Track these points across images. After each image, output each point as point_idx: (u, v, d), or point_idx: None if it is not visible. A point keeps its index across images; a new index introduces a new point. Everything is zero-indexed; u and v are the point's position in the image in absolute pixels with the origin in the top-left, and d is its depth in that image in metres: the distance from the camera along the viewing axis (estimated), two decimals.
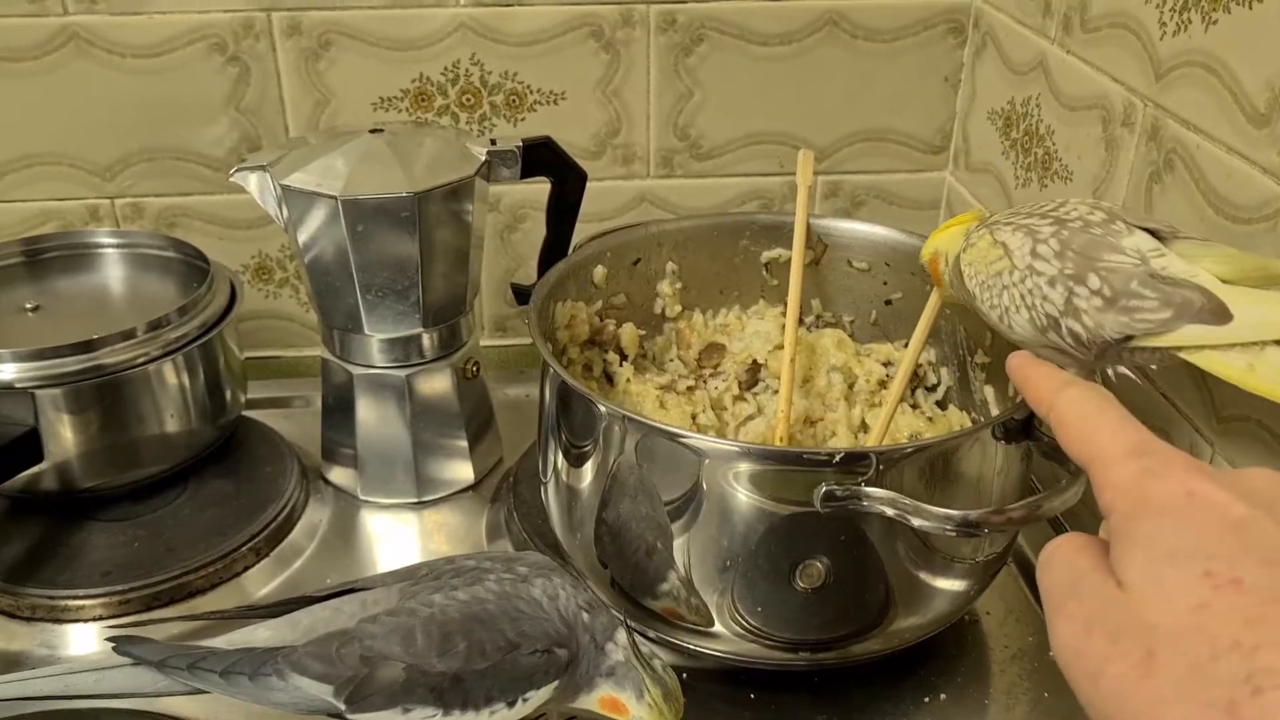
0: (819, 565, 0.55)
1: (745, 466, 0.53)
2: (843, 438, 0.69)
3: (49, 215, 0.84)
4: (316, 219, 0.66)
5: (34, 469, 0.66)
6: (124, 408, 0.68)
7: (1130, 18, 0.63)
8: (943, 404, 0.73)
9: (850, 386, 0.71)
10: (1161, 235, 0.52)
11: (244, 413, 0.78)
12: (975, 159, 0.85)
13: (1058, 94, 0.72)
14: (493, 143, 0.70)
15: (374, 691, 0.48)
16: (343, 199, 0.64)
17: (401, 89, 0.82)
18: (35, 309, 0.73)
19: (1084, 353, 0.52)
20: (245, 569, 0.68)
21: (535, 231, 0.87)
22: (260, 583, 0.68)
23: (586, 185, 0.73)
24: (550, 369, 0.60)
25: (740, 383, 0.71)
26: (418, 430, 0.73)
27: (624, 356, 0.72)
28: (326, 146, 0.67)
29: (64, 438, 0.67)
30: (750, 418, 0.69)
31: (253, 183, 0.68)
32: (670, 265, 0.73)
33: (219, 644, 0.50)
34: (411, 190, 0.64)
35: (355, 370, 0.71)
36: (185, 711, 0.58)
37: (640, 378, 0.71)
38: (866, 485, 0.51)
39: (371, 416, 0.72)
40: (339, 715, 0.49)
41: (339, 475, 0.76)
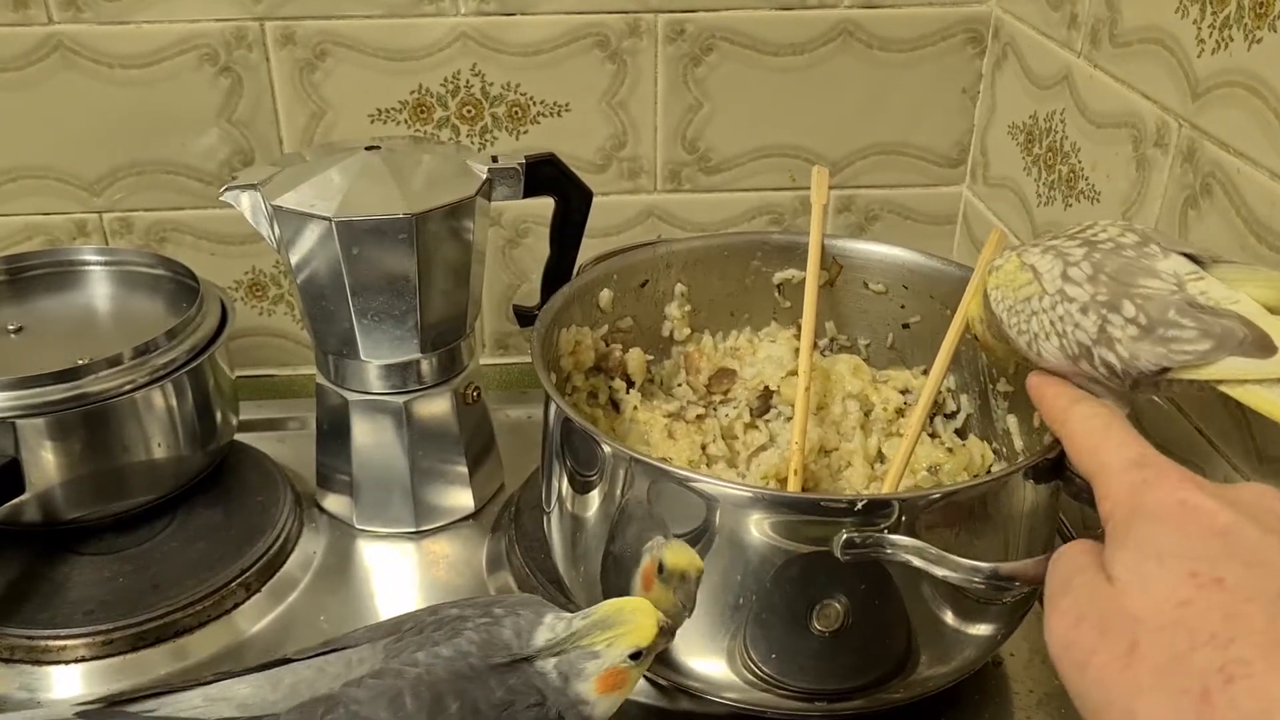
0: (837, 606, 0.52)
1: (759, 514, 0.50)
2: (859, 469, 0.66)
3: (34, 230, 0.81)
4: (310, 240, 0.63)
5: (14, 500, 0.63)
6: (110, 436, 0.65)
7: (1165, 33, 0.60)
8: (962, 432, 0.70)
9: (866, 414, 0.68)
10: (1199, 260, 0.49)
11: (236, 436, 0.75)
12: (994, 174, 0.82)
13: (1084, 109, 0.69)
14: (494, 160, 0.67)
15: None
16: (337, 220, 0.61)
17: (400, 100, 0.80)
18: (18, 330, 0.70)
19: (1118, 383, 0.49)
20: (236, 605, 0.65)
21: (538, 246, 0.84)
22: (252, 619, 0.65)
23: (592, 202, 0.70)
24: (549, 398, 0.57)
25: (752, 410, 0.69)
26: (416, 457, 0.70)
27: (630, 383, 0.69)
28: (320, 164, 0.65)
29: (46, 468, 0.64)
30: (763, 448, 0.66)
31: (243, 202, 0.65)
32: (679, 287, 0.70)
33: (195, 701, 0.48)
34: (409, 211, 0.61)
35: (351, 396, 0.69)
36: None
37: (648, 405, 0.68)
38: (890, 533, 0.49)
39: (368, 443, 0.70)
40: None
41: (334, 503, 0.73)
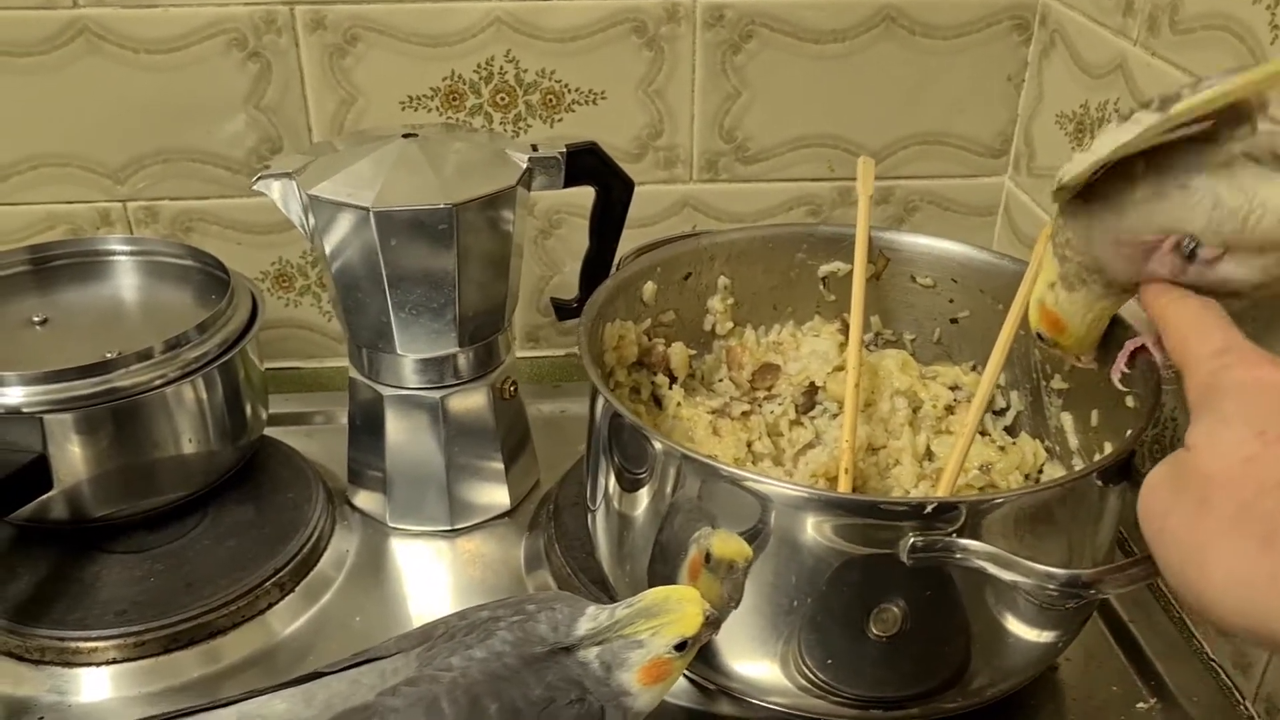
0: (895, 611, 0.50)
1: (819, 517, 0.49)
2: (907, 467, 0.64)
3: (57, 219, 0.80)
4: (346, 231, 0.61)
5: (42, 497, 0.62)
6: (139, 432, 0.64)
7: (1233, 19, 0.58)
8: (1012, 430, 0.68)
9: (915, 411, 0.67)
10: None
11: (264, 431, 0.73)
12: (1040, 164, 0.80)
13: (1140, 99, 0.67)
14: (534, 149, 0.65)
15: None
16: (375, 210, 0.59)
17: (432, 87, 0.78)
18: (43, 322, 0.68)
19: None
20: (270, 605, 0.63)
21: (572, 237, 0.83)
22: (286, 620, 0.63)
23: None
24: (599, 395, 0.56)
25: (797, 406, 0.67)
26: (451, 454, 0.68)
27: (673, 378, 0.67)
28: (356, 153, 0.63)
29: (74, 464, 0.62)
30: (810, 445, 0.64)
31: (276, 191, 0.63)
32: (722, 280, 0.68)
33: (230, 717, 0.46)
34: (449, 201, 0.60)
35: (385, 390, 0.67)
36: None
37: (691, 401, 0.66)
38: (958, 536, 0.47)
39: (402, 439, 0.68)
40: None
41: (366, 500, 0.71)
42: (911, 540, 0.47)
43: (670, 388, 0.67)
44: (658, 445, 0.52)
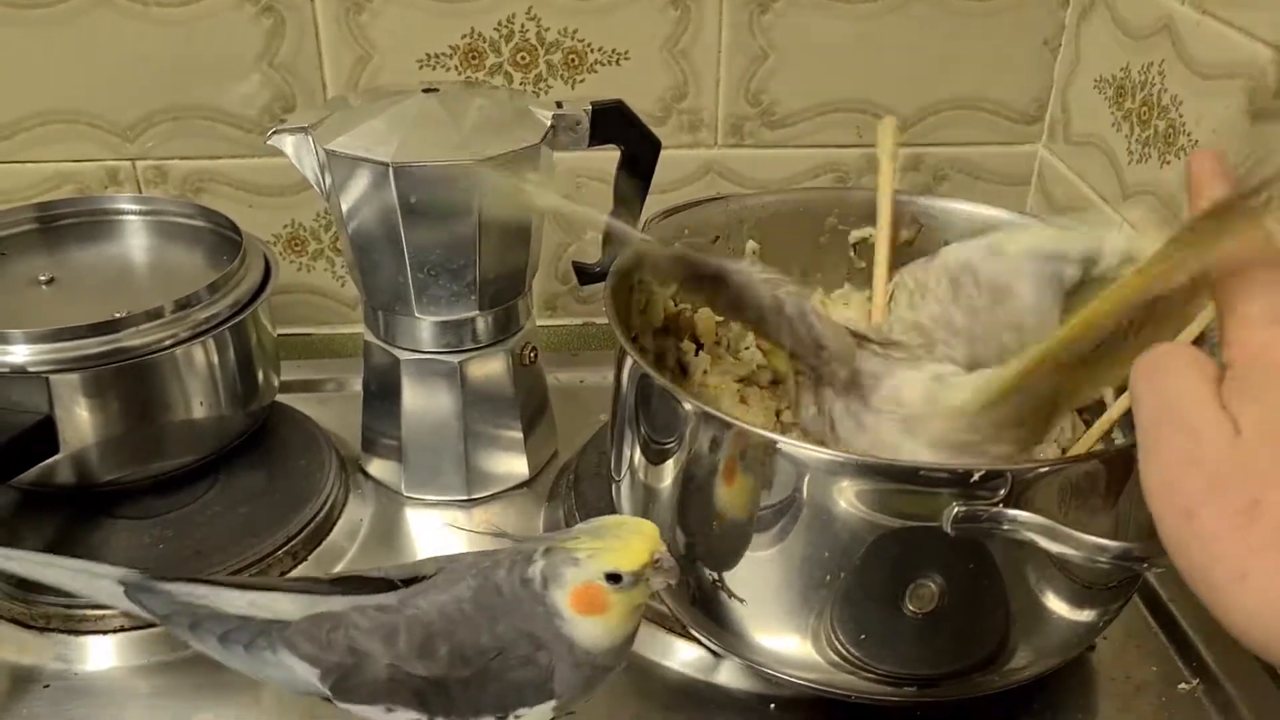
0: (932, 586, 0.48)
1: (857, 484, 0.47)
2: None
3: (65, 178, 0.78)
4: (364, 188, 0.59)
5: (47, 461, 0.60)
6: (148, 393, 0.62)
7: None
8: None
9: None
10: None
11: (276, 398, 0.71)
12: (1076, 131, 0.78)
13: (1189, 60, 0.64)
14: (558, 105, 0.62)
15: (359, 684, 0.45)
16: (395, 166, 0.57)
17: (450, 45, 0.75)
18: (49, 281, 0.66)
19: None
20: (281, 574, 0.61)
21: (593, 202, 0.80)
22: None
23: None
24: (627, 358, 0.53)
25: None
26: (469, 421, 0.66)
27: (699, 345, 0.65)
28: (375, 107, 0.60)
29: (81, 427, 0.60)
30: None
31: (291, 146, 0.61)
32: (751, 244, 0.66)
33: (239, 602, 0.47)
34: (472, 157, 0.57)
35: (402, 355, 0.65)
36: None
37: (718, 368, 0.64)
38: (1005, 507, 0.45)
39: (418, 405, 0.66)
40: (328, 699, 0.46)
41: (380, 469, 0.69)
42: (955, 509, 0.45)
43: (696, 354, 0.64)
44: (688, 407, 0.50)
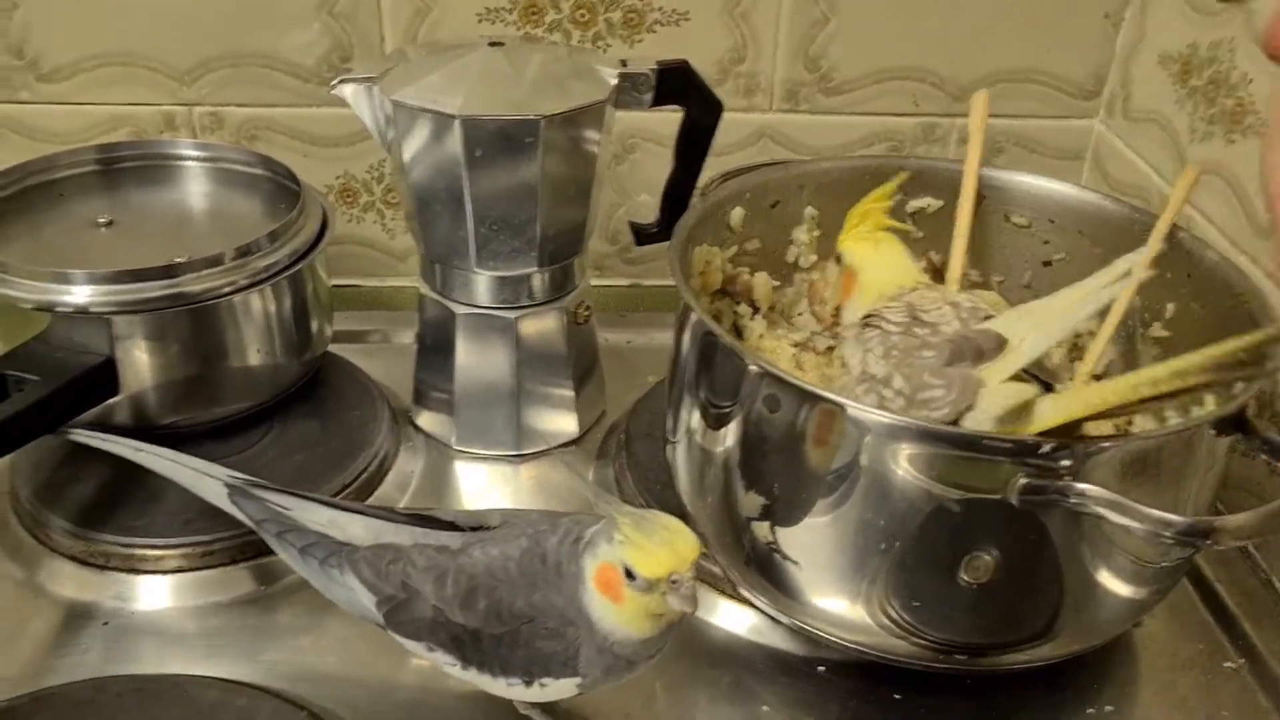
0: (988, 558, 0.48)
1: (921, 451, 0.47)
2: None
3: (120, 121, 0.78)
4: (429, 140, 0.59)
5: (108, 402, 0.60)
6: (206, 339, 0.62)
7: None
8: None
9: None
10: None
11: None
12: (1136, 107, 0.77)
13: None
14: (623, 64, 0.62)
15: (408, 619, 0.47)
16: (462, 119, 0.57)
17: (510, 0, 0.75)
18: (109, 224, 0.66)
19: None
20: None
21: (646, 163, 0.80)
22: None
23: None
24: (690, 317, 0.54)
25: None
26: (522, 377, 0.66)
27: (755, 309, 0.65)
28: (441, 59, 0.60)
29: (141, 369, 0.61)
30: None
31: (354, 96, 0.61)
32: (809, 210, 0.66)
33: (319, 518, 0.50)
34: (538, 113, 0.57)
35: (458, 309, 0.65)
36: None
37: (773, 333, 0.64)
38: (1071, 479, 0.45)
39: (472, 360, 0.66)
40: (381, 626, 0.48)
41: (430, 421, 0.70)
42: (1022, 481, 0.45)
43: (752, 318, 0.64)
44: (753, 367, 0.50)
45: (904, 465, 0.47)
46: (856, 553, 0.50)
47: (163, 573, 0.58)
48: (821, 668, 0.56)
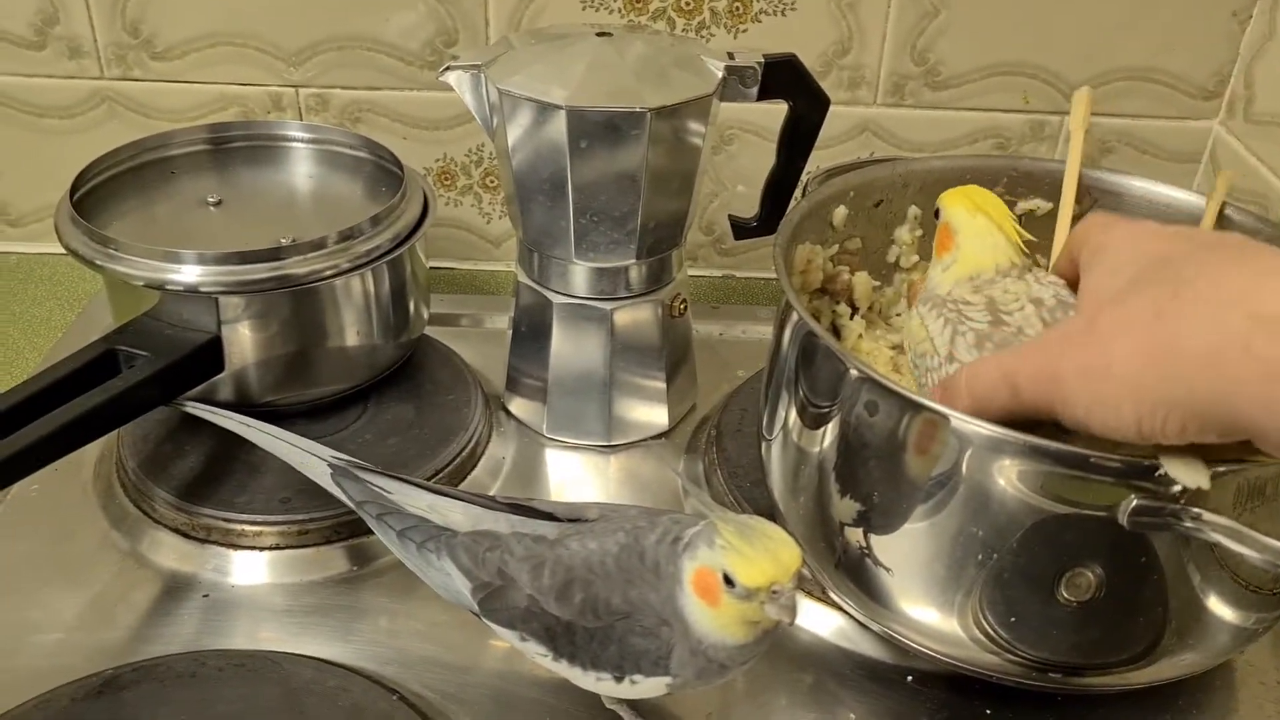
0: (1090, 576, 0.47)
1: (1029, 466, 0.45)
2: None
3: (229, 100, 0.79)
4: (535, 129, 0.59)
5: (212, 379, 0.62)
6: (307, 320, 0.63)
7: None
8: None
9: None
10: None
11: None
12: (1260, 110, 0.74)
13: None
14: (730, 56, 0.61)
15: (502, 606, 0.47)
16: (569, 109, 0.57)
17: None
18: (218, 203, 0.67)
19: None
20: None
21: (743, 155, 0.80)
22: None
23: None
24: (791, 316, 0.53)
25: None
26: (615, 368, 0.66)
27: (854, 309, 0.64)
28: (549, 49, 0.60)
29: (244, 347, 0.62)
30: None
31: (462, 83, 0.61)
32: (913, 209, 0.64)
33: (420, 502, 0.51)
34: (645, 105, 0.57)
35: (555, 298, 0.65)
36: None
37: (871, 334, 0.63)
38: (1184, 504, 0.44)
39: (568, 349, 0.66)
40: (475, 613, 0.49)
41: (522, 408, 0.70)
42: (1134, 503, 0.43)
43: (851, 318, 0.63)
44: (854, 372, 0.49)
45: (1007, 479, 0.46)
46: (952, 563, 0.49)
47: (260, 549, 0.60)
48: (910, 677, 0.55)
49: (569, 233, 0.62)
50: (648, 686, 0.46)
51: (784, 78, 0.62)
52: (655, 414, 0.69)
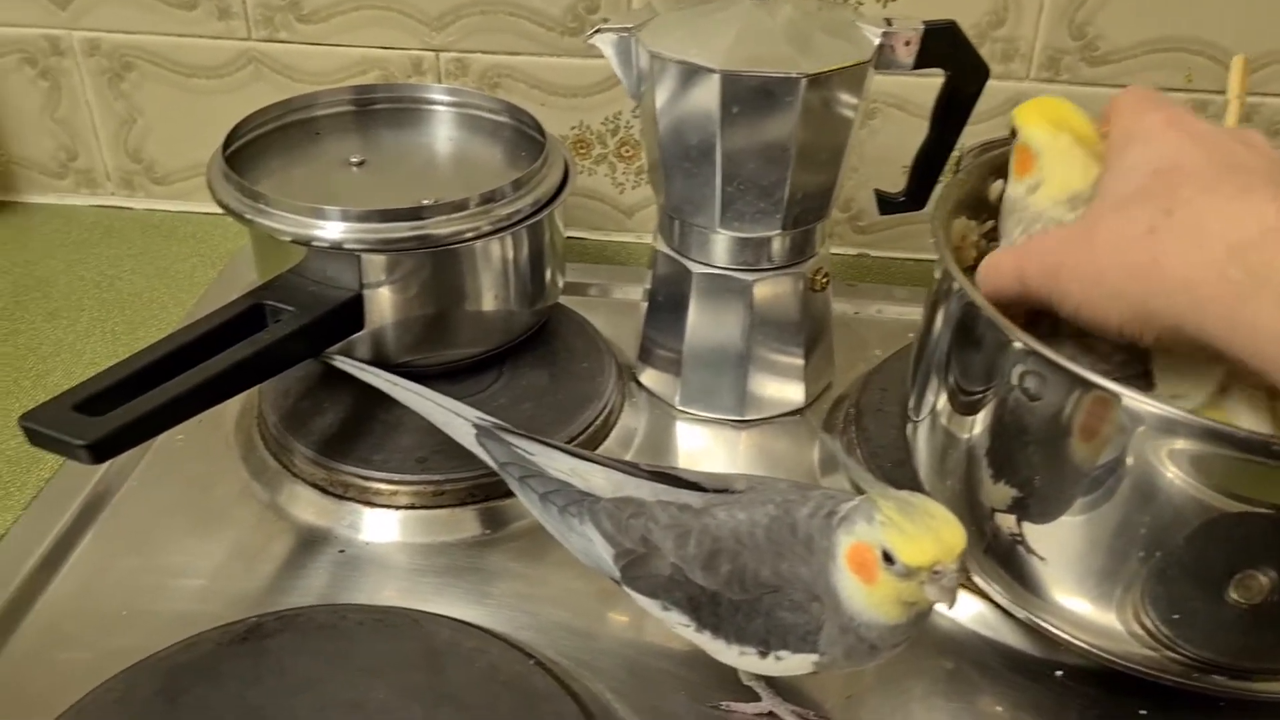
0: (1264, 579, 0.45)
1: (1203, 450, 0.43)
2: None
3: (371, 64, 0.80)
4: (685, 94, 0.58)
5: (351, 337, 0.62)
6: (446, 282, 0.63)
7: None
8: None
9: None
10: None
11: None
12: None
13: None
14: (888, 23, 0.59)
15: (645, 574, 0.47)
16: (723, 74, 0.55)
17: None
18: (360, 164, 0.68)
19: None
20: None
21: (885, 130, 0.78)
22: None
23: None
24: (947, 290, 0.51)
25: None
26: (753, 342, 0.65)
27: None
28: (701, 11, 0.59)
29: (383, 306, 0.62)
30: None
31: (612, 46, 0.60)
32: None
33: (562, 465, 0.51)
34: (801, 72, 0.55)
35: (695, 268, 0.64)
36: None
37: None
38: None
39: (705, 321, 0.65)
40: (616, 580, 0.48)
41: (654, 380, 0.69)
42: None
43: None
44: (1017, 344, 0.47)
45: (1178, 466, 0.44)
46: (1112, 555, 0.47)
47: (395, 508, 0.60)
48: (1059, 672, 0.53)
49: (714, 200, 0.60)
50: (794, 663, 0.45)
51: (943, 45, 0.60)
52: (791, 390, 0.67)
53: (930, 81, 0.62)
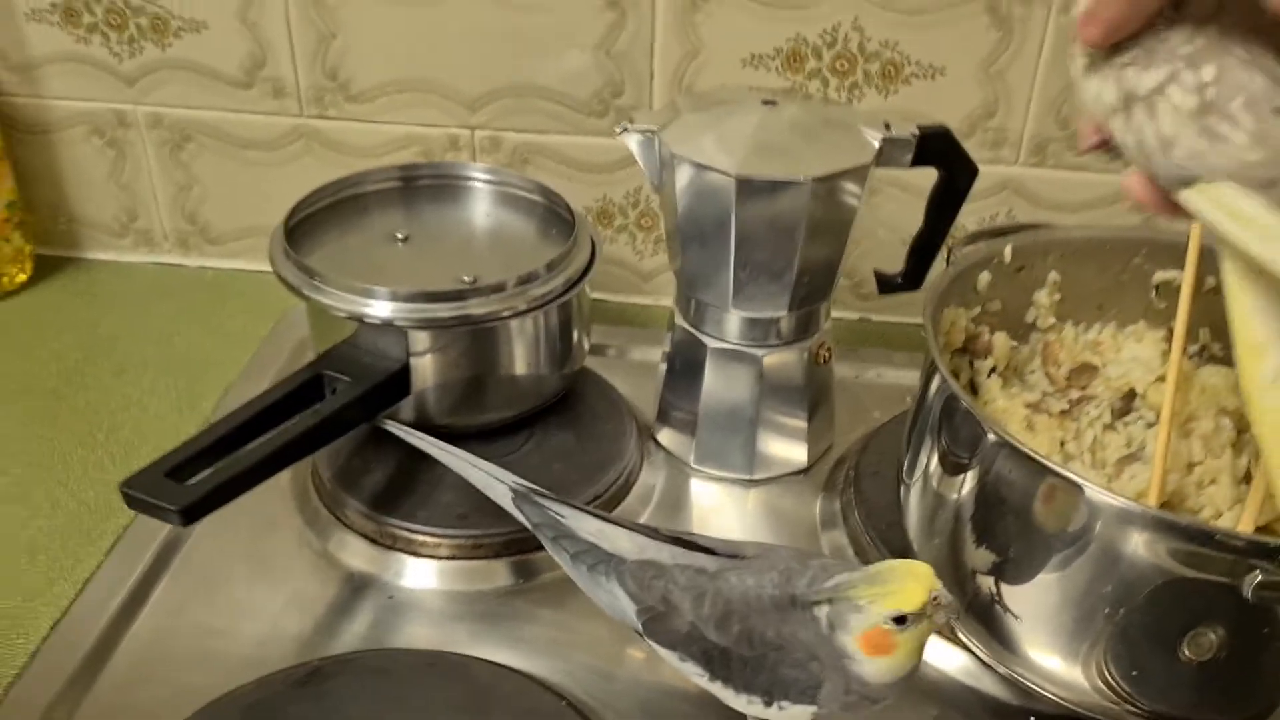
0: (1212, 637, 0.51)
1: (1155, 538, 0.49)
2: (1224, 488, 0.63)
3: (413, 140, 0.86)
4: (703, 191, 0.64)
5: (399, 402, 0.68)
6: (484, 353, 0.69)
7: None
8: None
9: (1239, 434, 0.65)
10: None
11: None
12: None
13: None
14: (887, 127, 0.66)
15: (664, 630, 0.53)
16: (738, 177, 0.62)
17: (775, 48, 0.79)
18: (405, 239, 0.74)
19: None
20: None
21: (883, 208, 0.84)
22: None
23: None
24: (936, 374, 0.57)
25: (1113, 410, 0.66)
26: (762, 408, 0.71)
27: (993, 368, 0.68)
28: (717, 115, 0.66)
29: (426, 375, 0.68)
30: (1132, 457, 0.64)
31: (636, 143, 0.67)
32: (1053, 275, 0.68)
33: (589, 527, 0.56)
34: (810, 175, 0.62)
35: (710, 342, 0.70)
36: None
37: (1006, 392, 0.67)
38: None
39: (718, 389, 0.71)
40: (639, 632, 0.54)
41: (670, 439, 0.75)
42: (1259, 579, 0.47)
43: (989, 376, 0.67)
44: (992, 436, 0.53)
45: (1134, 544, 0.50)
46: (1080, 615, 0.53)
47: (437, 558, 0.66)
48: (1032, 717, 0.59)
49: (728, 284, 0.67)
50: (794, 713, 0.51)
51: (937, 147, 0.66)
52: (795, 451, 0.74)
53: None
